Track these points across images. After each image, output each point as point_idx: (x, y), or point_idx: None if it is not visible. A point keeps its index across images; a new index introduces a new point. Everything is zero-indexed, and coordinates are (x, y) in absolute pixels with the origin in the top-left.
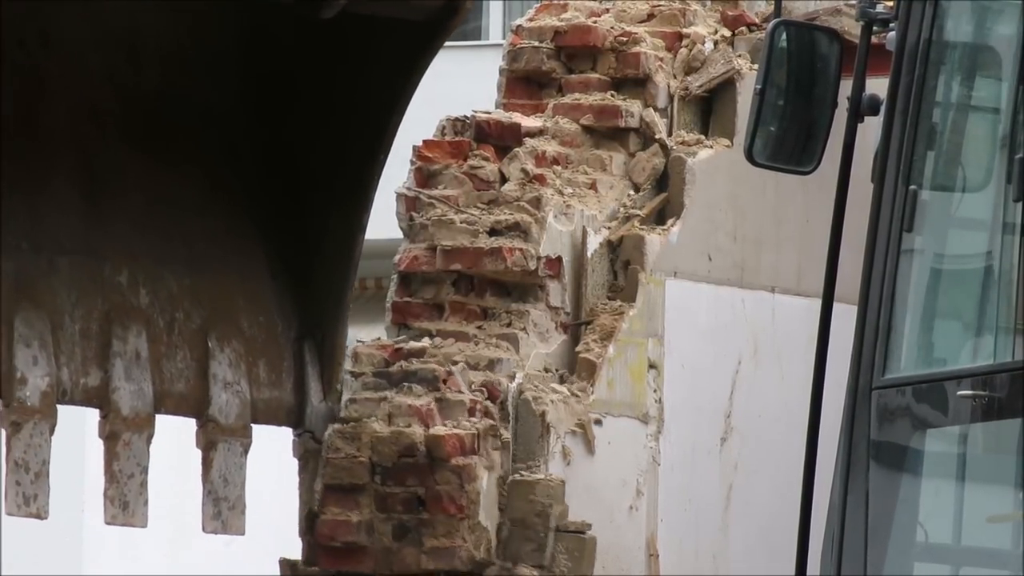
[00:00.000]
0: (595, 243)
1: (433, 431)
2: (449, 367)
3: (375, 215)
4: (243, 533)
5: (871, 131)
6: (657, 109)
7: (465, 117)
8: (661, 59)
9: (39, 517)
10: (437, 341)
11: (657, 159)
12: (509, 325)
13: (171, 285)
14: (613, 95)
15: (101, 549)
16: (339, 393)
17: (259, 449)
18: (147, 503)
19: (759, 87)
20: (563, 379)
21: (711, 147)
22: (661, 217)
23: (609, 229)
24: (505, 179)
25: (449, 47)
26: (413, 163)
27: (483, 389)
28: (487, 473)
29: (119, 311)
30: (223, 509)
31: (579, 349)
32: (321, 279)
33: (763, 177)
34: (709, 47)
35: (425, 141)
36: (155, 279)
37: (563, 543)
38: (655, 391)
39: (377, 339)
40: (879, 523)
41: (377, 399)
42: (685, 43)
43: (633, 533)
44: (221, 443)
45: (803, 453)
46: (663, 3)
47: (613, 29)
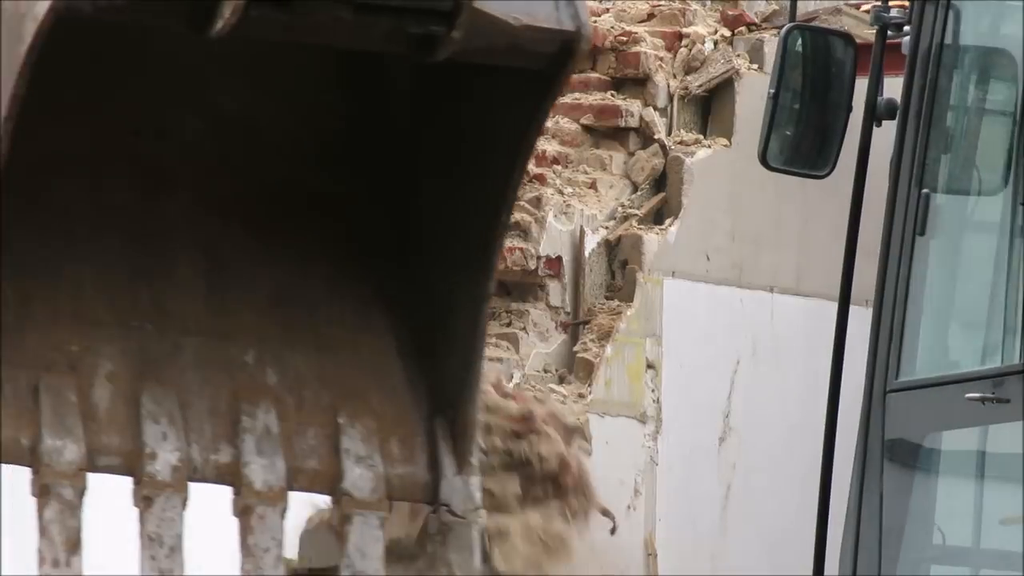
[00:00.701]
0: (593, 243)
1: None
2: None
3: None
4: None
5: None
6: (657, 109)
7: None
8: (661, 59)
9: None
10: None
11: (656, 159)
12: (509, 325)
13: (298, 366)
14: (613, 95)
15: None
16: (473, 467)
17: None
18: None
19: (772, 91)
20: (562, 379)
21: (710, 147)
22: (659, 217)
23: (607, 229)
24: None
25: None
26: None
27: None
28: None
29: (247, 389)
30: None
31: (577, 349)
32: (449, 354)
33: (762, 177)
34: (709, 47)
35: None
36: (282, 360)
37: None
38: (653, 391)
39: None
40: (893, 524)
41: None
42: (685, 43)
43: (631, 532)
44: (356, 516)
45: (802, 452)
46: (663, 3)
47: (613, 29)
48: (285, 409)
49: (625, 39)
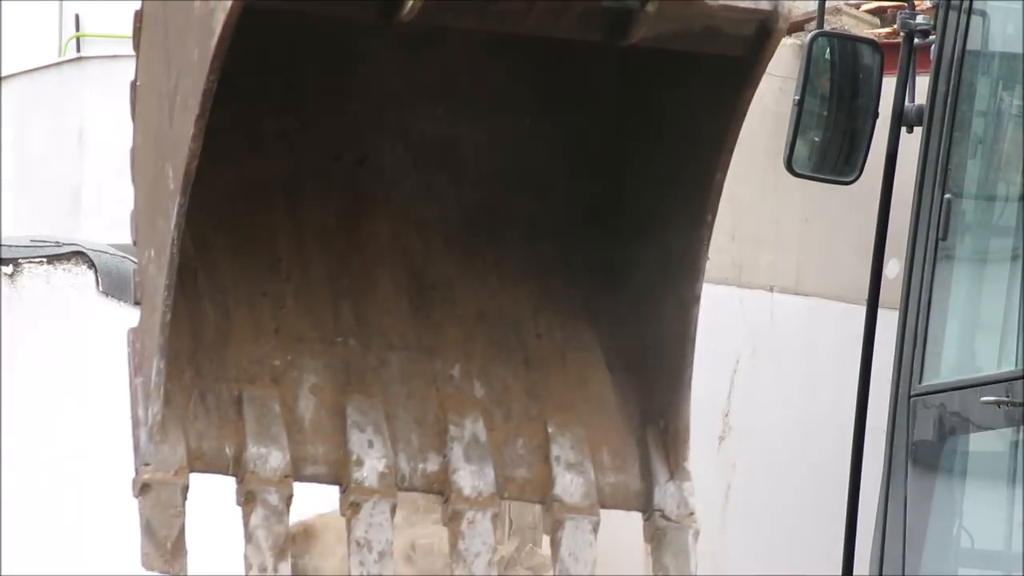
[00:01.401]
0: None
1: None
2: None
3: None
4: None
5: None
6: None
7: None
8: None
9: None
10: None
11: None
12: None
13: (506, 379)
14: None
15: (101, 548)
16: (687, 472)
17: None
18: None
19: (798, 98)
20: None
21: None
22: None
23: None
24: None
25: None
26: None
27: None
28: None
29: (453, 401)
30: None
31: None
32: (658, 363)
33: (762, 177)
34: None
35: None
36: (488, 374)
37: None
38: None
39: None
40: (917, 526)
41: None
42: None
43: (631, 532)
44: (568, 521)
45: (802, 451)
46: None
47: None
48: (493, 420)
49: None
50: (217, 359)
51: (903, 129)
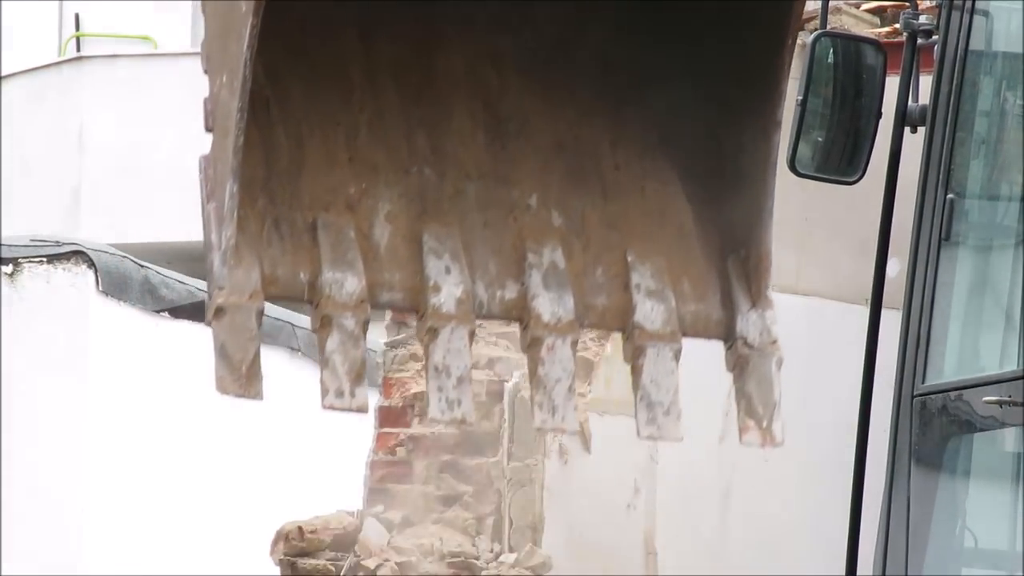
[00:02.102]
0: None
1: None
2: None
3: None
4: (680, 438)
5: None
6: None
7: None
8: None
9: (464, 423)
10: None
11: None
12: (509, 324)
13: (584, 210)
14: None
15: (101, 549)
16: (769, 300)
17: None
18: (576, 408)
19: (801, 98)
20: None
21: None
22: None
23: None
24: None
25: None
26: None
27: None
28: None
29: (531, 230)
30: (657, 414)
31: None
32: (738, 194)
33: None
34: None
35: None
36: (566, 204)
37: None
38: None
39: None
40: (920, 526)
41: None
42: None
43: (631, 531)
44: (649, 348)
45: (802, 451)
46: None
47: None
48: (571, 249)
49: None
50: (291, 187)
51: (906, 129)
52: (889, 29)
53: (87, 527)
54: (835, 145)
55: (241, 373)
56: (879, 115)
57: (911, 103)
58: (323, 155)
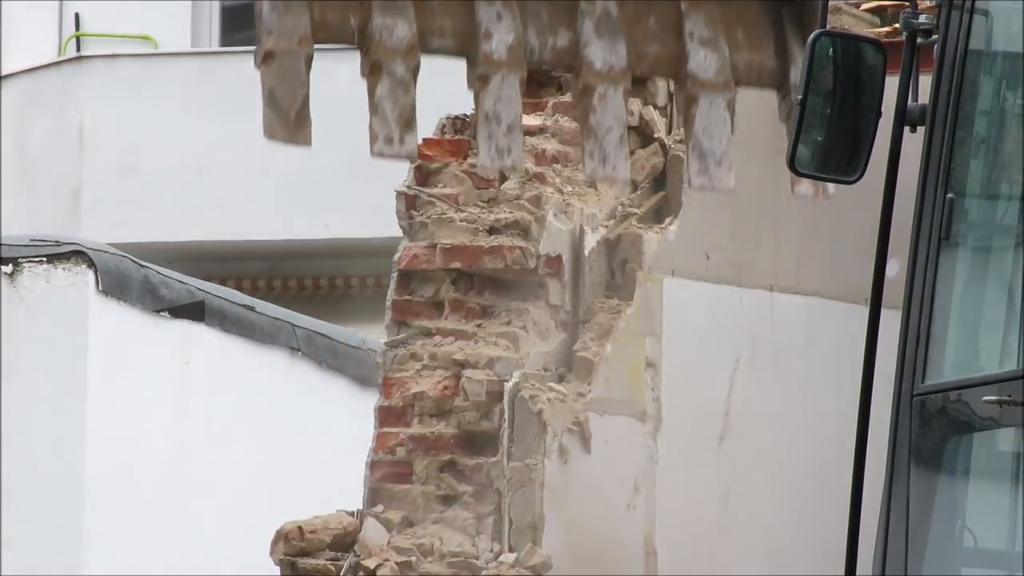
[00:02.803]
0: (592, 241)
1: None
2: None
3: (374, 213)
4: (730, 186)
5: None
6: (656, 107)
7: (465, 115)
8: None
9: (514, 170)
10: (436, 339)
11: (656, 157)
12: (509, 323)
13: None
14: None
15: (101, 549)
16: None
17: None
18: (627, 158)
19: (800, 97)
20: (562, 378)
21: None
22: (659, 215)
23: (607, 227)
24: (505, 178)
25: None
26: (413, 161)
27: None
28: None
29: None
30: (709, 164)
31: (577, 348)
32: None
33: (761, 175)
34: None
35: (425, 139)
36: None
37: None
38: (653, 389)
39: None
40: (920, 526)
41: None
42: None
43: (631, 531)
44: (702, 97)
45: (802, 451)
46: None
47: None
48: None
49: None
50: None
51: (906, 129)
52: (889, 28)
53: (87, 527)
54: (835, 145)
55: (289, 119)
56: (879, 114)
57: (911, 102)
58: None
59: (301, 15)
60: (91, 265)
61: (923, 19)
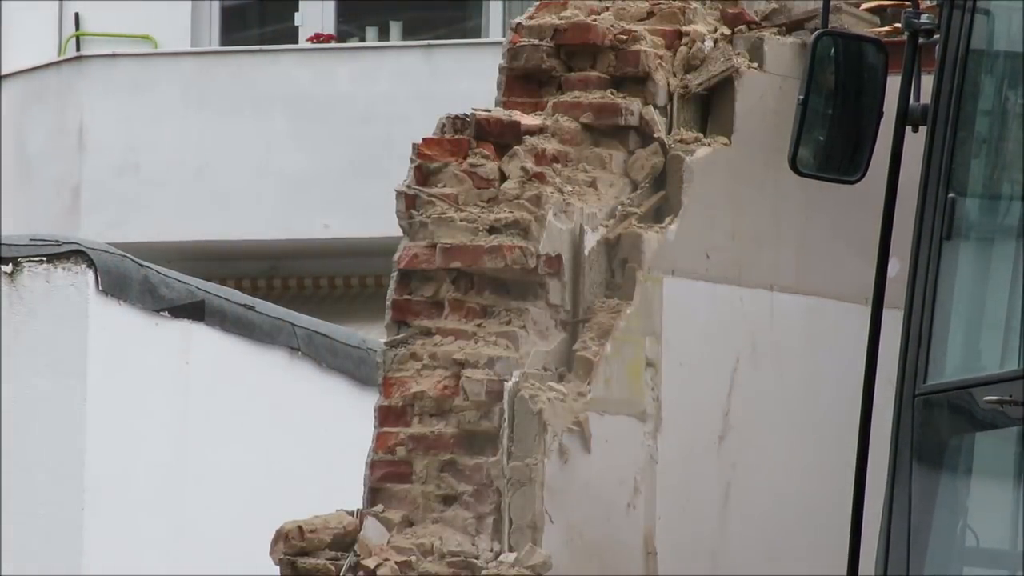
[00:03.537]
0: (592, 241)
1: None
2: None
3: (374, 213)
4: None
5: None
6: (656, 107)
7: (465, 115)
8: (660, 57)
9: None
10: (436, 339)
11: (656, 157)
12: (509, 323)
13: None
14: (613, 93)
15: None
16: None
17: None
18: None
19: (801, 97)
20: (562, 377)
21: (709, 145)
22: (659, 215)
23: (607, 227)
24: (505, 177)
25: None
26: (413, 161)
27: None
28: None
29: None
30: None
31: (576, 347)
32: None
33: (762, 175)
34: (709, 45)
35: (425, 139)
36: None
37: None
38: (653, 389)
39: None
40: (922, 527)
41: None
42: (684, 41)
43: (631, 531)
44: None
45: (802, 451)
46: (663, 1)
47: (613, 27)
48: None
49: (625, 37)
50: None
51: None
52: (889, 28)
53: (86, 526)
54: (836, 145)
55: None
56: (880, 114)
57: (912, 102)
58: None
59: None
60: (91, 265)
61: (924, 19)
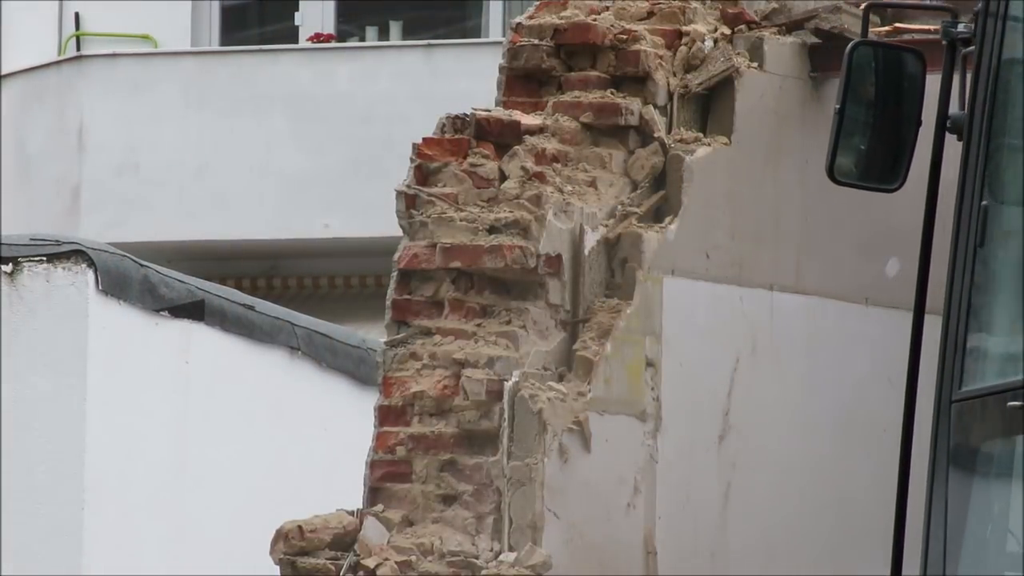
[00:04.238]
0: (592, 240)
1: None
2: None
3: (374, 213)
4: None
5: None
6: (656, 107)
7: (465, 115)
8: (660, 57)
9: None
10: (436, 339)
11: (656, 157)
12: (509, 323)
13: None
14: (613, 93)
15: (101, 549)
16: None
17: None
18: None
19: (838, 106)
20: (562, 377)
21: (709, 145)
22: (659, 215)
23: (607, 227)
24: (505, 177)
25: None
26: (413, 160)
27: None
28: None
29: None
30: None
31: (576, 347)
32: None
33: (761, 174)
34: (709, 45)
35: (425, 139)
36: None
37: None
38: (653, 389)
39: None
40: (960, 530)
41: None
42: (684, 41)
43: (631, 531)
44: None
45: (803, 450)
46: (663, 1)
47: (613, 27)
48: None
49: (625, 37)
50: None
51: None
52: (889, 28)
53: (86, 526)
54: (876, 153)
55: None
56: (919, 123)
57: (953, 111)
58: None
59: None
60: (91, 264)
61: (962, 28)
